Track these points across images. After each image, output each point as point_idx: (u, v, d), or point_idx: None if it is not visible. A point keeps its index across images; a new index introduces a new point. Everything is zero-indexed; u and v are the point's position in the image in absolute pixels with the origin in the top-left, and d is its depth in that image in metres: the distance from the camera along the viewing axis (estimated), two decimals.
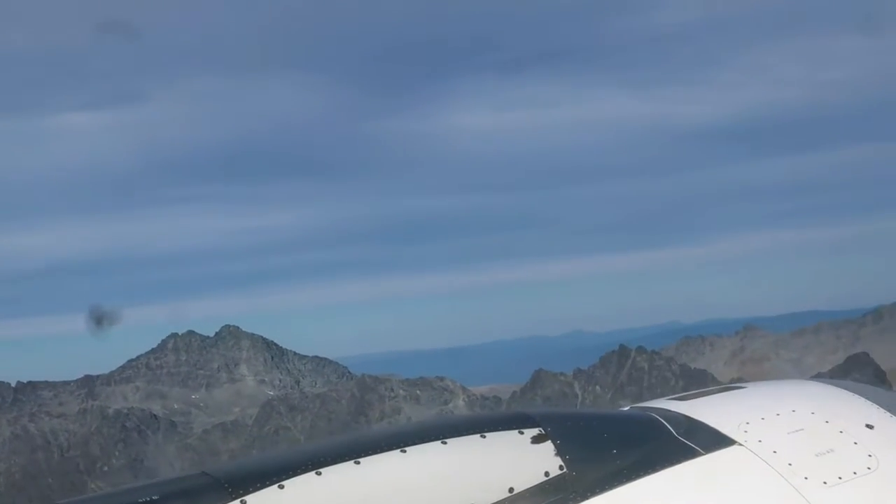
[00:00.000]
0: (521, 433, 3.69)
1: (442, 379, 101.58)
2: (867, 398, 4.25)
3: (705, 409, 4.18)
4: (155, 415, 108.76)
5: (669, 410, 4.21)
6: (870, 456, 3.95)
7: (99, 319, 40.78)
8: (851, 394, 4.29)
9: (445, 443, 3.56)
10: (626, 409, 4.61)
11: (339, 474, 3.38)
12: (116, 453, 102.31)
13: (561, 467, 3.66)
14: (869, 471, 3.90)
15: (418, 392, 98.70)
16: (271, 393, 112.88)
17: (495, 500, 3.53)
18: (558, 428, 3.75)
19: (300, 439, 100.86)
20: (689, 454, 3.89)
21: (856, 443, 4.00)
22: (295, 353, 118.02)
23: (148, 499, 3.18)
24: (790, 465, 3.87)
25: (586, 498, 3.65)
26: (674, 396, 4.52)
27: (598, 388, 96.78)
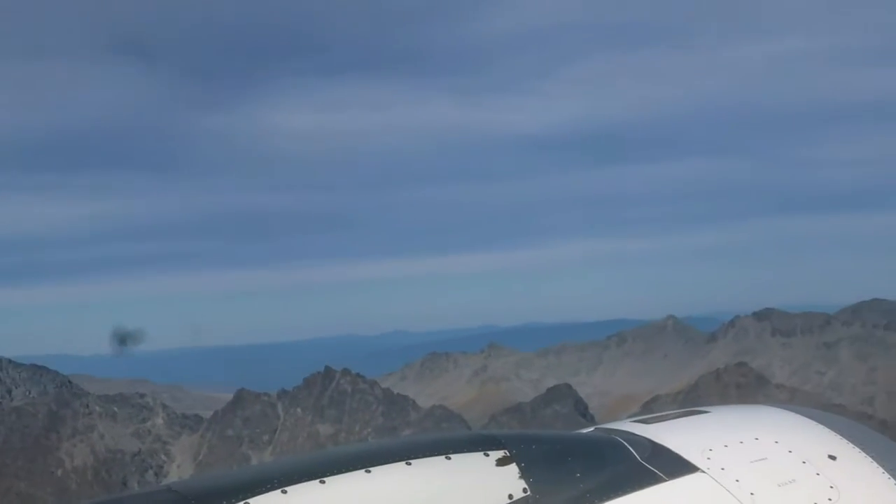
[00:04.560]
0: (487, 455, 3.71)
1: (142, 395, 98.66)
2: (830, 428, 4.25)
3: (669, 434, 4.16)
4: None
5: (633, 434, 4.18)
6: (831, 487, 3.96)
7: (123, 339, 38.03)
8: (815, 423, 4.29)
9: (410, 464, 3.56)
10: (589, 430, 4.54)
11: (304, 493, 3.38)
12: None
13: (525, 490, 3.66)
14: (830, 502, 3.92)
15: (115, 409, 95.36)
16: None
17: None
18: (523, 450, 3.75)
19: None
20: (652, 480, 3.87)
21: (818, 474, 4.01)
22: (10, 361, 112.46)
23: None
24: (752, 494, 3.87)
25: None
26: (638, 419, 4.47)
27: (299, 409, 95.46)
